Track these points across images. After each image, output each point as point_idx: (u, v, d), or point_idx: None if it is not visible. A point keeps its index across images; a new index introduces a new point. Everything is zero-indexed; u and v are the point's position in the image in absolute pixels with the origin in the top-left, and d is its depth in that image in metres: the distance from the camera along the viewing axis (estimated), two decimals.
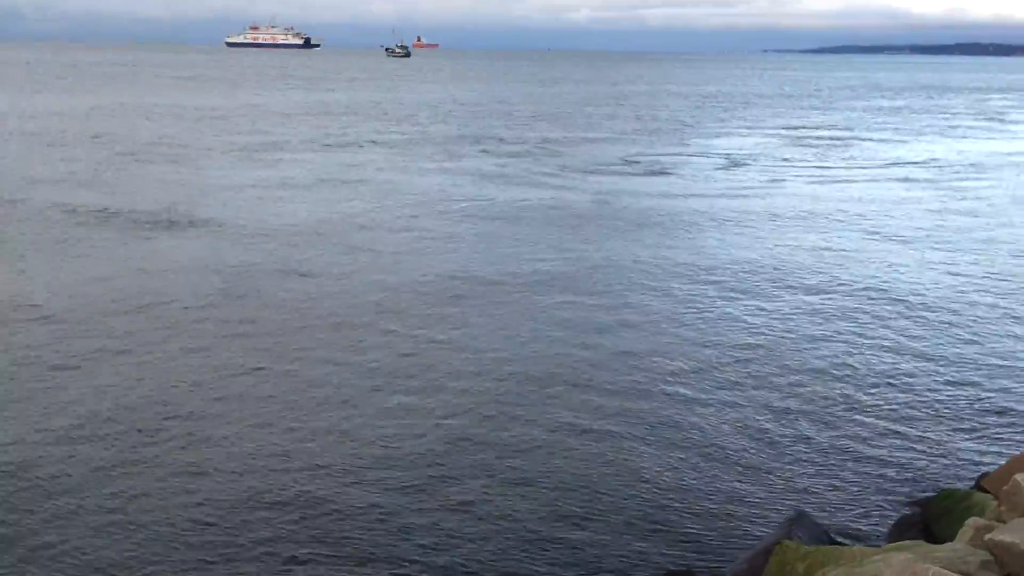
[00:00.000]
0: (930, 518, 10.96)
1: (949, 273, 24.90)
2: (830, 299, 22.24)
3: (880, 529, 11.73)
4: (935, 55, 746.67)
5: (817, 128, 71.46)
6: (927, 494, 12.33)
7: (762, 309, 21.32)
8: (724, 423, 14.94)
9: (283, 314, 20.21)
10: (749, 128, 70.42)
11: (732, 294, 22.54)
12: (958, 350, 18.62)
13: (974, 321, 20.62)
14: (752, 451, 13.96)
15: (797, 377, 17.03)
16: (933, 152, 55.67)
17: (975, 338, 19.38)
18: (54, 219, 29.35)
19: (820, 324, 20.19)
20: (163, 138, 53.56)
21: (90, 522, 11.56)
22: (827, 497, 12.60)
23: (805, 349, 18.56)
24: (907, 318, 20.73)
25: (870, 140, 62.69)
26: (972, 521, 9.49)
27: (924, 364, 17.78)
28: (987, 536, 8.95)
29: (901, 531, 11.22)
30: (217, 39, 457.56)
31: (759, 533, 11.53)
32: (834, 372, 17.28)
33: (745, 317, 20.66)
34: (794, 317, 20.73)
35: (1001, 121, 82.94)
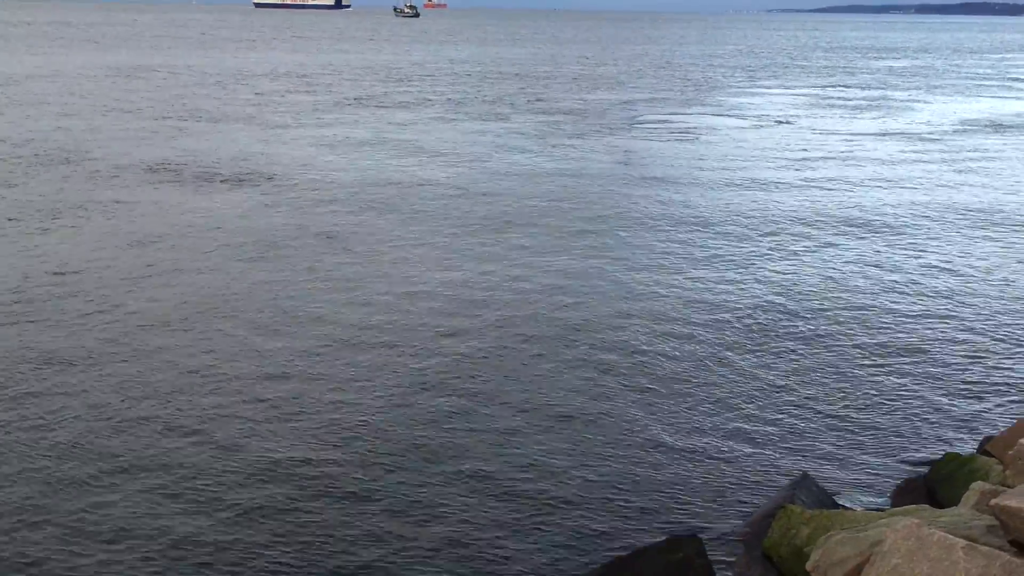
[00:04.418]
0: (934, 482, 10.80)
1: (973, 240, 24.49)
2: (842, 263, 21.94)
3: (884, 493, 11.55)
4: (942, 15, 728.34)
5: (845, 88, 70.46)
6: (931, 457, 12.13)
7: (774, 271, 21.04)
8: (726, 386, 14.72)
9: (324, 284, 19.49)
10: (775, 89, 69.46)
11: (749, 254, 22.27)
12: (967, 315, 18.30)
13: (986, 286, 20.26)
14: (755, 414, 13.76)
15: (802, 341, 16.78)
16: (973, 111, 54.85)
17: (985, 304, 19.03)
18: (114, 177, 29.88)
19: (828, 289, 19.88)
20: (208, 98, 53.89)
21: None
22: (830, 460, 12.40)
23: (813, 313, 18.30)
24: (918, 283, 20.39)
25: (900, 100, 61.69)
26: (977, 485, 9.33)
27: (930, 328, 17.47)
28: (992, 501, 8.78)
29: (905, 495, 11.08)
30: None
31: (762, 496, 11.41)
32: (839, 336, 17.00)
33: (754, 280, 20.39)
34: (804, 280, 20.45)
35: None
